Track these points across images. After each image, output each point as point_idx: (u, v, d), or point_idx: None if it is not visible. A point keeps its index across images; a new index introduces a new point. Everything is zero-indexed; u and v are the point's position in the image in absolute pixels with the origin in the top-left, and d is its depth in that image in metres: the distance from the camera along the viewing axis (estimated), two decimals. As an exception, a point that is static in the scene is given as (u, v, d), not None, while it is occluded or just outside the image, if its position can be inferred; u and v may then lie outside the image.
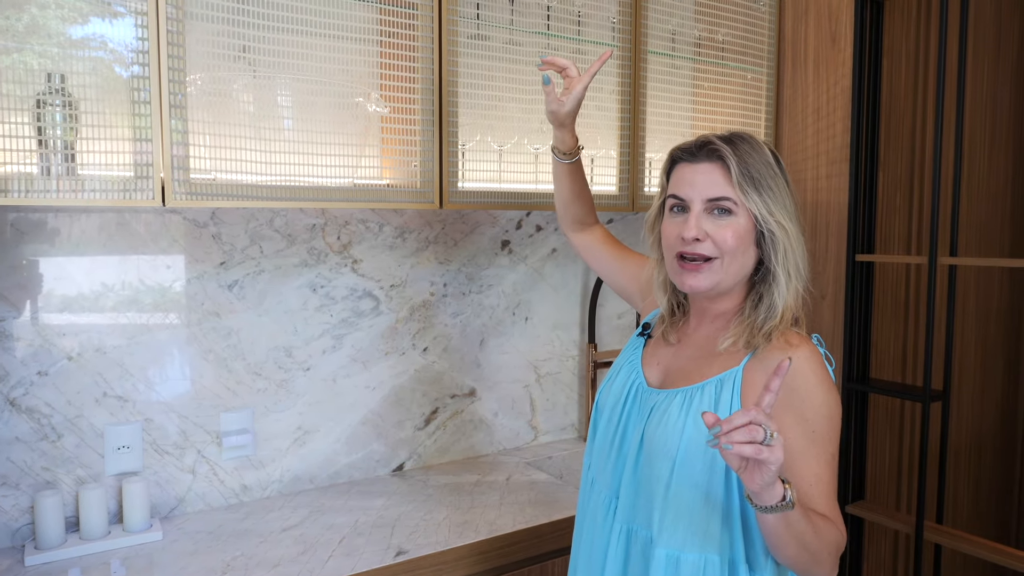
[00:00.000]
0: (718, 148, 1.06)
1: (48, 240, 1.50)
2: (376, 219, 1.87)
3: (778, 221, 1.05)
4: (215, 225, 1.67)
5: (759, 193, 1.04)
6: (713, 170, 1.06)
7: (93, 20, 1.28)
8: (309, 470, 1.83)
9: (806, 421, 1.00)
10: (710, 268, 1.07)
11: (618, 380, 1.19)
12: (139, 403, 1.61)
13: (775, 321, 1.06)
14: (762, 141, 1.10)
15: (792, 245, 1.05)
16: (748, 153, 1.06)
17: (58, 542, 1.46)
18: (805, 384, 1.01)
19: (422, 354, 1.97)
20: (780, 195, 1.06)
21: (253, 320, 1.73)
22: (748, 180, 1.04)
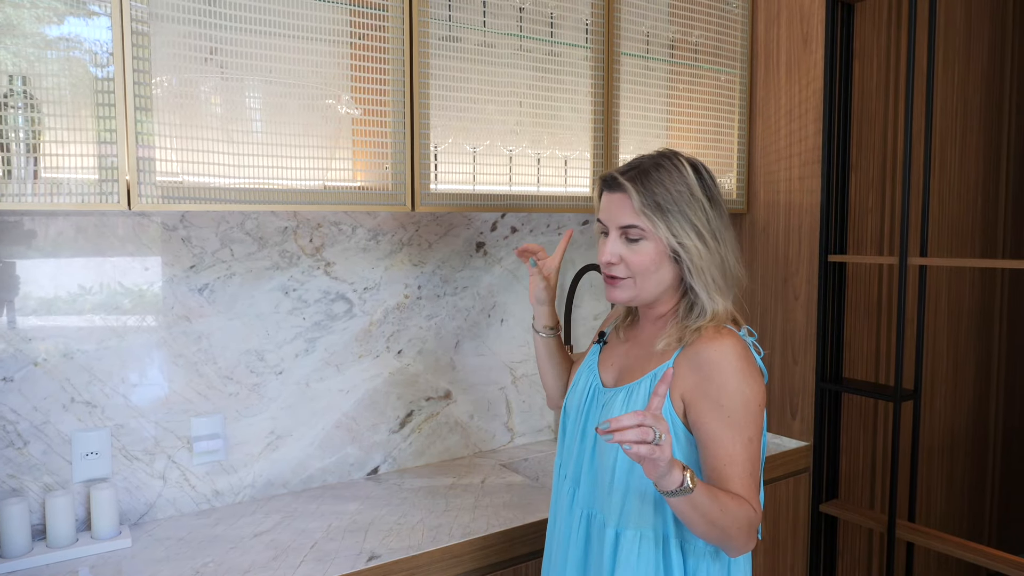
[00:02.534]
0: (620, 182, 1.18)
1: (17, 242, 1.48)
2: (349, 221, 1.86)
3: (682, 243, 1.16)
4: (184, 228, 1.66)
5: (664, 219, 1.15)
6: (622, 200, 1.18)
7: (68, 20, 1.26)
8: (282, 475, 1.81)
9: (721, 407, 1.12)
10: (625, 284, 1.21)
11: (580, 383, 1.33)
12: (108, 408, 1.59)
13: (704, 321, 1.18)
14: (684, 163, 1.19)
15: (704, 261, 1.16)
16: (657, 181, 1.16)
17: (24, 550, 1.44)
18: (720, 374, 1.12)
19: (396, 357, 1.96)
20: (692, 216, 1.16)
21: (224, 324, 1.71)
22: (652, 208, 1.16)
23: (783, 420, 2.17)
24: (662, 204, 1.15)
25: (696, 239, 1.15)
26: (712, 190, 1.19)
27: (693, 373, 1.14)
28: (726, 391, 1.12)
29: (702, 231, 1.16)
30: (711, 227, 1.17)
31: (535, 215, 2.17)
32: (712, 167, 2.16)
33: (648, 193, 1.15)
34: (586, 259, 2.28)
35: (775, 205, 2.16)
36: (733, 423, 1.11)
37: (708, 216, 1.17)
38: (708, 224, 1.16)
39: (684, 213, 1.15)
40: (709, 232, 1.16)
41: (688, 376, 1.15)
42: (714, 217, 1.18)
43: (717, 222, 1.18)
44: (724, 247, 1.18)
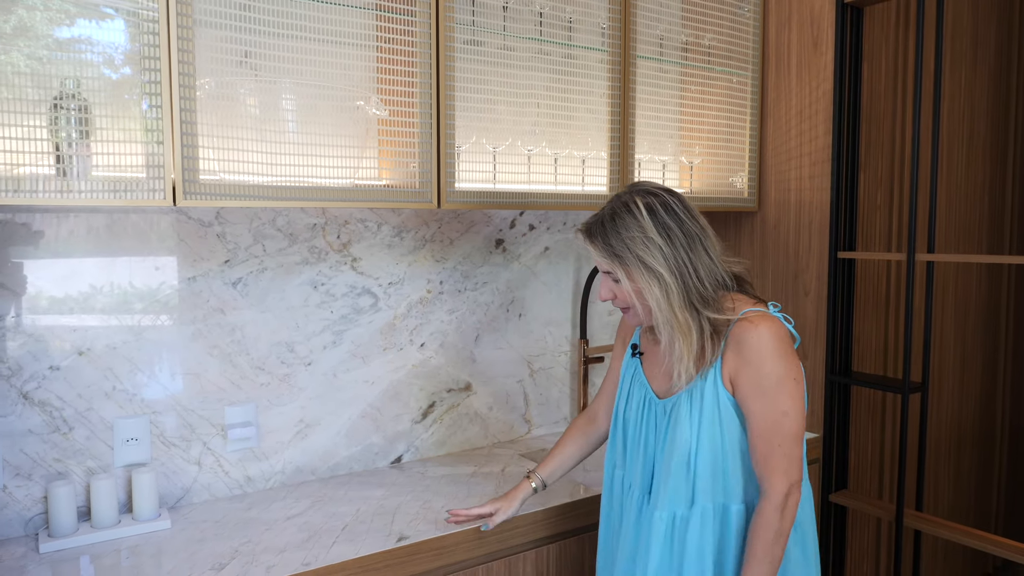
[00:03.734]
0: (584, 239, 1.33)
1: (62, 240, 1.56)
2: (375, 219, 1.93)
3: (640, 289, 1.28)
4: (219, 224, 1.73)
5: (624, 267, 1.28)
6: (593, 251, 1.33)
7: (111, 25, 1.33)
8: (310, 462, 1.88)
9: (760, 387, 1.26)
10: (632, 312, 1.35)
11: (633, 397, 1.44)
12: (147, 397, 1.67)
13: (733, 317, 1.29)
14: (639, 205, 1.27)
15: (662, 306, 1.26)
16: (613, 232, 1.28)
17: (71, 530, 1.52)
18: (758, 357, 1.26)
19: (419, 350, 2.03)
20: (649, 258, 1.25)
21: (256, 316, 1.79)
22: (611, 257, 1.29)
23: (794, 412, 2.23)
24: (619, 254, 1.27)
25: (653, 283, 1.26)
26: (668, 223, 1.26)
27: (736, 358, 1.28)
28: (763, 372, 1.25)
29: (660, 271, 1.25)
30: (670, 264, 1.25)
31: (551, 213, 2.24)
32: (724, 167, 2.25)
33: (607, 246, 1.28)
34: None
35: (786, 203, 2.22)
36: (769, 400, 1.26)
37: (665, 253, 1.25)
38: (666, 261, 1.25)
39: (640, 259, 1.26)
40: (668, 269, 1.25)
41: (733, 360, 1.28)
42: (672, 252, 1.26)
43: (679, 254, 1.26)
44: (688, 275, 1.26)
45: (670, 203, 1.29)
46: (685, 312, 1.26)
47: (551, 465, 1.59)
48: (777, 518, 1.26)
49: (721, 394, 1.30)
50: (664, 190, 1.31)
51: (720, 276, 1.31)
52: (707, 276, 1.28)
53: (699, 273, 1.27)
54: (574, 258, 2.30)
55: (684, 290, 1.26)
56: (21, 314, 1.53)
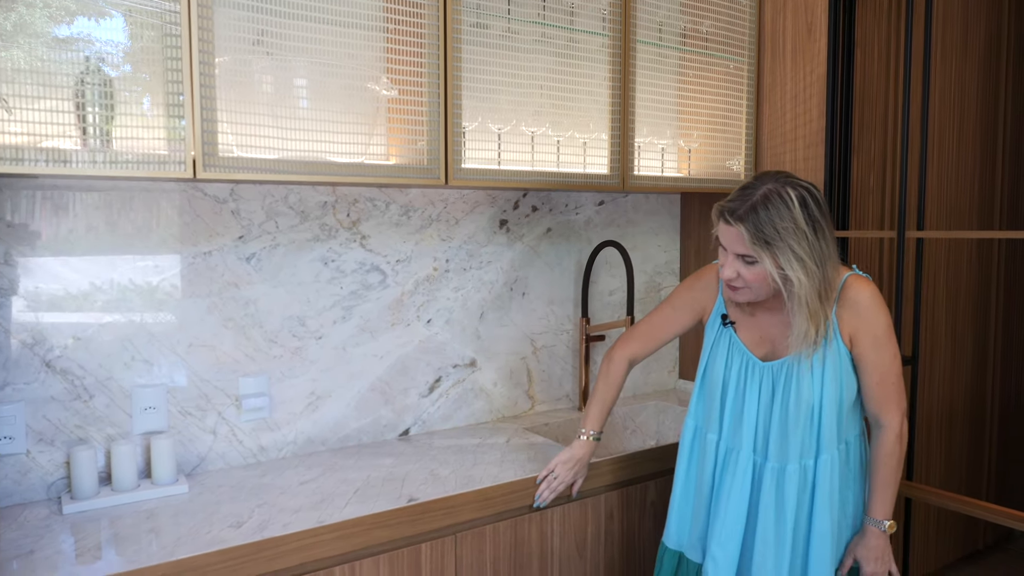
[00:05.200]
0: (730, 221, 1.38)
1: (84, 216, 1.61)
2: (383, 198, 1.99)
3: (786, 275, 1.36)
4: (234, 201, 1.79)
5: (771, 252, 1.35)
6: (736, 235, 1.38)
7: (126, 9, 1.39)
8: (321, 433, 1.94)
9: (877, 339, 1.43)
10: (745, 292, 1.45)
11: (733, 364, 1.54)
12: (164, 367, 1.72)
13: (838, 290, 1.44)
14: (791, 197, 1.35)
15: (804, 289, 1.36)
16: (766, 220, 1.34)
17: (92, 493, 1.57)
18: (873, 314, 1.43)
19: (426, 326, 2.09)
20: (797, 247, 1.34)
21: (269, 291, 1.84)
22: (760, 243, 1.35)
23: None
24: (770, 241, 1.34)
25: (799, 269, 1.34)
26: (816, 216, 1.36)
27: (854, 318, 1.43)
28: (879, 325, 1.43)
29: (805, 259, 1.34)
30: (814, 253, 1.35)
31: (553, 195, 2.30)
32: (721, 150, 2.31)
33: (758, 232, 1.34)
34: (602, 236, 2.40)
35: (781, 185, 2.29)
36: (885, 348, 1.44)
37: (810, 243, 1.34)
38: (811, 251, 1.34)
39: (789, 246, 1.33)
40: (812, 258, 1.34)
41: (850, 320, 1.43)
42: (816, 243, 1.35)
43: (820, 245, 1.36)
44: (825, 266, 1.37)
45: (819, 198, 1.38)
46: (816, 299, 1.36)
47: (603, 415, 1.73)
48: (899, 445, 1.48)
49: (842, 352, 1.44)
50: (811, 184, 1.40)
51: (838, 264, 1.43)
52: (835, 264, 1.40)
53: (831, 261, 1.38)
54: (575, 239, 2.36)
55: (821, 278, 1.36)
56: (43, 285, 1.58)
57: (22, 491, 1.58)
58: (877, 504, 1.49)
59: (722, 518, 1.52)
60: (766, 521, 1.48)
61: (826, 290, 1.38)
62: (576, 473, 1.70)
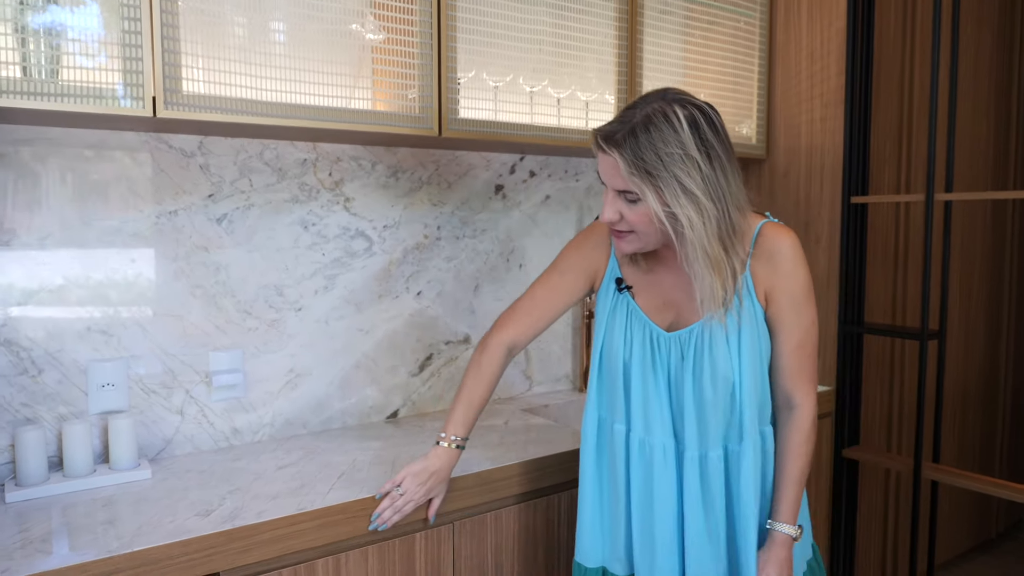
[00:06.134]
0: (604, 148, 1.12)
1: (30, 169, 1.43)
2: (369, 156, 1.82)
3: (673, 213, 1.11)
4: (203, 155, 1.60)
5: (654, 186, 1.10)
6: (612, 163, 1.12)
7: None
8: (301, 414, 1.77)
9: (794, 299, 1.19)
10: (632, 238, 1.19)
11: (634, 339, 1.26)
12: (124, 338, 1.54)
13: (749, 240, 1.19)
14: (679, 117, 1.08)
15: (697, 232, 1.11)
16: (647, 144, 1.08)
17: (40, 479, 1.39)
18: (794, 268, 1.18)
19: (416, 298, 1.92)
20: (686, 178, 1.08)
21: (242, 256, 1.67)
22: (641, 173, 1.10)
23: (804, 366, 2.15)
24: (651, 170, 1.08)
25: (688, 206, 1.09)
26: (711, 142, 1.10)
27: (772, 272, 1.19)
28: (799, 282, 1.19)
29: (696, 193, 1.09)
30: (708, 187, 1.09)
31: (552, 161, 2.14)
32: (731, 114, 2.16)
33: (636, 160, 1.09)
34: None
35: (796, 149, 2.14)
36: (804, 310, 1.20)
37: (704, 175, 1.09)
38: (704, 184, 1.09)
39: (675, 176, 1.08)
40: (706, 192, 1.09)
41: (767, 274, 1.19)
42: (711, 174, 1.09)
43: (716, 178, 1.10)
44: (724, 202, 1.11)
45: (713, 119, 1.12)
46: (717, 245, 1.12)
47: (471, 415, 1.36)
48: (814, 428, 1.25)
49: (758, 312, 1.20)
50: (707, 104, 1.14)
51: (745, 205, 1.17)
52: (738, 206, 1.14)
53: (734, 199, 1.13)
54: (576, 208, 2.20)
55: (720, 218, 1.11)
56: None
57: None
58: (784, 505, 1.22)
59: (657, 521, 1.25)
60: (695, 516, 1.23)
61: (730, 235, 1.12)
62: (430, 489, 1.32)
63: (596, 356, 1.32)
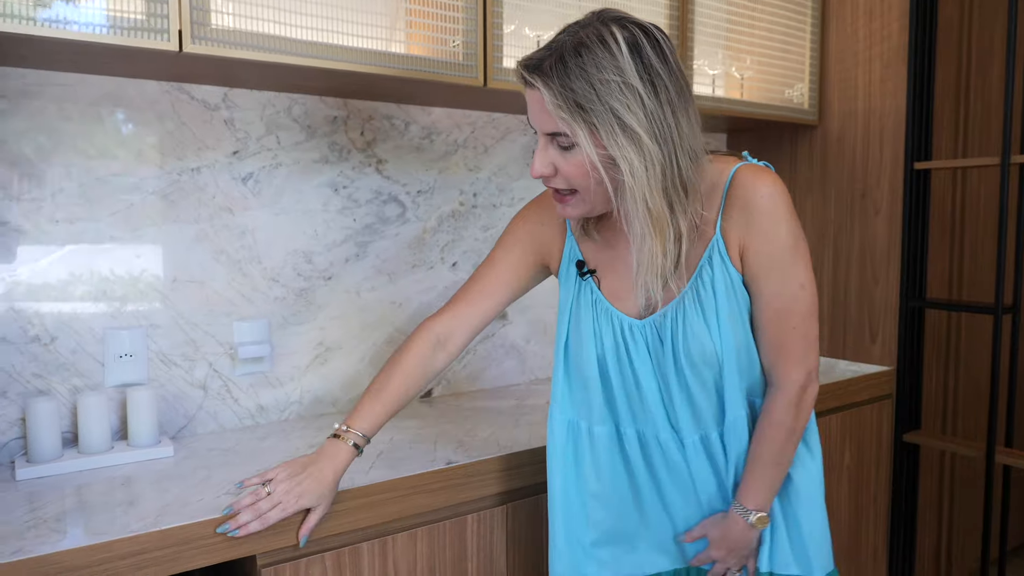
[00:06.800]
0: (528, 79, 0.93)
1: (39, 111, 1.30)
2: (402, 116, 1.69)
3: (608, 156, 0.91)
4: (227, 109, 1.48)
5: (584, 120, 0.90)
6: (538, 99, 0.93)
7: None
8: (331, 391, 1.64)
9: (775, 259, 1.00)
10: (575, 200, 0.99)
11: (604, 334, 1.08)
12: (143, 305, 1.42)
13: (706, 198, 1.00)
14: (616, 37, 0.90)
15: (639, 181, 0.91)
16: (577, 72, 0.89)
17: (54, 455, 1.26)
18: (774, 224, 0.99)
19: (451, 269, 1.79)
20: (625, 113, 0.89)
21: (269, 219, 1.54)
22: (569, 107, 0.90)
23: (860, 344, 2.02)
24: (583, 103, 0.89)
25: (629, 147, 0.89)
26: (657, 69, 0.90)
27: (746, 226, 0.99)
28: (779, 240, 0.99)
29: (637, 131, 0.89)
30: (653, 125, 0.90)
31: (593, 126, 2.01)
32: (779, 78, 2.02)
33: (564, 90, 0.89)
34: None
35: (852, 114, 2.01)
36: (786, 273, 1.00)
37: (648, 110, 0.89)
38: (648, 121, 0.90)
39: (613, 111, 0.89)
40: (650, 132, 0.90)
41: (740, 230, 1.00)
42: (656, 109, 0.90)
43: (663, 114, 0.91)
44: (671, 145, 0.91)
45: (660, 41, 0.92)
46: (660, 199, 0.92)
47: (380, 409, 1.10)
48: (792, 415, 1.03)
49: (733, 277, 1.01)
50: (652, 24, 0.94)
51: (700, 154, 0.97)
52: (691, 150, 0.94)
53: (685, 144, 0.93)
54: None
55: (665, 165, 0.91)
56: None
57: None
58: (749, 487, 1.05)
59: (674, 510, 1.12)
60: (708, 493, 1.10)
61: (676, 187, 0.93)
62: (303, 494, 1.03)
63: (560, 352, 1.13)
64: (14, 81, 1.28)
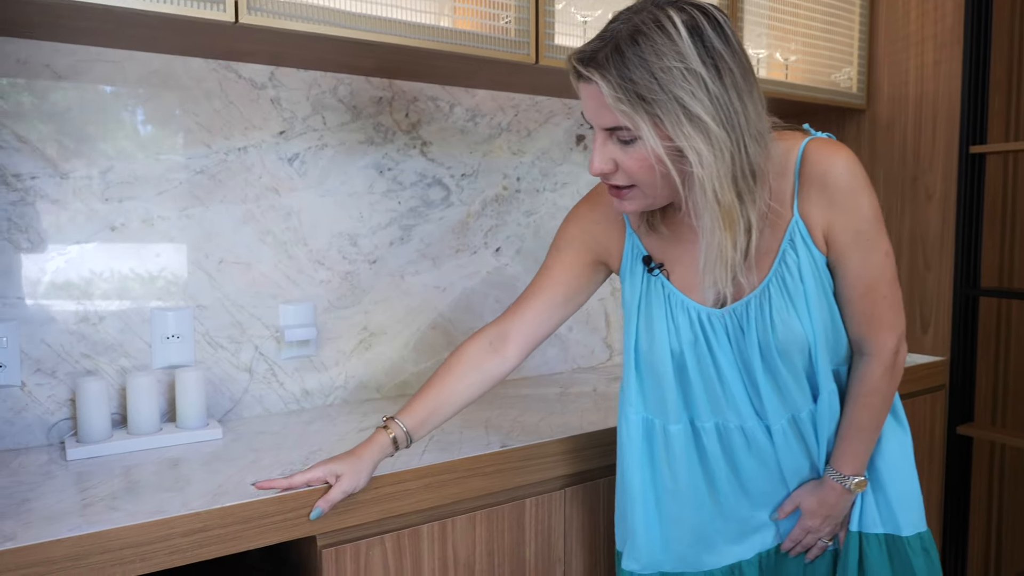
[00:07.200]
0: (583, 73, 0.88)
1: (89, 86, 1.29)
2: (446, 97, 1.66)
3: (675, 148, 0.86)
4: (274, 88, 1.46)
5: (647, 112, 0.85)
6: (595, 94, 0.88)
7: None
8: (375, 377, 1.62)
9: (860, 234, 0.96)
10: (633, 194, 0.94)
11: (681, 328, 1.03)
12: (191, 286, 1.40)
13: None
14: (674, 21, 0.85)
15: (709, 171, 0.86)
16: (636, 62, 0.84)
17: (104, 436, 1.25)
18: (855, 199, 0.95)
19: (495, 255, 1.76)
20: (690, 101, 0.84)
21: (315, 201, 1.52)
22: (631, 100, 0.85)
23: (911, 334, 1.97)
24: (645, 94, 0.84)
25: (697, 137, 0.85)
26: (720, 51, 0.86)
27: (825, 204, 0.95)
28: (863, 210, 0.95)
29: (705, 120, 0.85)
30: (719, 110, 0.85)
31: (635, 111, 1.97)
32: (825, 62, 1.98)
33: (624, 82, 0.84)
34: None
35: (902, 98, 1.96)
36: (871, 245, 0.97)
37: (713, 94, 0.85)
38: (714, 106, 0.85)
39: (677, 99, 0.84)
40: (716, 118, 0.85)
41: (821, 210, 0.96)
42: (722, 94, 0.85)
43: (728, 99, 0.86)
44: (739, 131, 0.87)
45: (721, 22, 0.87)
46: (730, 189, 0.88)
47: (425, 406, 1.07)
48: (887, 380, 1.02)
49: (817, 259, 0.97)
50: (708, 3, 0.89)
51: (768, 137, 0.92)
52: (759, 134, 0.89)
53: (752, 128, 0.88)
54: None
55: (735, 152, 0.87)
56: (39, 176, 1.25)
57: (16, 433, 1.26)
58: (846, 454, 1.03)
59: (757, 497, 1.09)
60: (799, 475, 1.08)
61: (746, 175, 0.88)
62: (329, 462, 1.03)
63: (631, 352, 1.08)
64: (65, 58, 1.26)
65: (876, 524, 1.07)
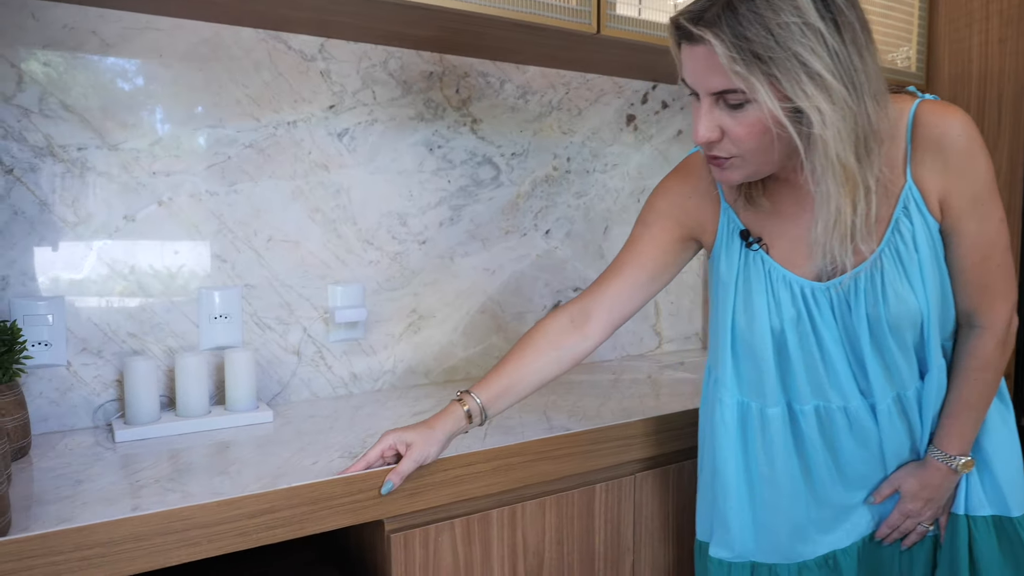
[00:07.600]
0: (693, 33, 0.81)
1: (141, 52, 1.24)
2: (497, 73, 1.61)
3: (795, 108, 0.80)
4: (324, 60, 1.41)
5: (764, 72, 0.79)
6: (704, 55, 0.81)
7: None
8: (424, 362, 1.56)
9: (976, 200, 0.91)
10: (736, 164, 0.88)
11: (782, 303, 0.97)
12: (238, 264, 1.35)
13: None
14: None
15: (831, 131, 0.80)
16: (751, 18, 0.78)
17: (152, 418, 1.20)
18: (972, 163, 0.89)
19: (544, 237, 1.71)
20: (809, 57, 0.78)
21: (364, 178, 1.47)
22: (746, 59, 0.78)
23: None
24: (760, 52, 0.78)
25: (819, 95, 0.79)
26: (838, 3, 0.80)
27: (941, 169, 0.89)
28: (980, 174, 0.90)
29: (825, 76, 0.78)
30: (839, 67, 0.79)
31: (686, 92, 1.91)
32: (883, 39, 1.91)
33: (738, 40, 0.78)
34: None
35: (965, 77, 1.89)
36: (987, 211, 0.91)
37: (832, 50, 0.79)
38: (834, 63, 0.79)
39: (797, 56, 0.78)
40: (837, 75, 0.79)
41: (936, 175, 0.90)
42: (841, 50, 0.79)
43: (849, 55, 0.80)
44: (859, 90, 0.81)
45: None
46: (851, 151, 0.82)
47: (500, 383, 1.01)
48: (999, 354, 0.97)
49: (931, 226, 0.92)
50: None
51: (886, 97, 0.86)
52: (878, 93, 0.83)
53: (872, 87, 0.82)
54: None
55: (858, 112, 0.81)
56: (88, 147, 1.21)
57: (61, 414, 1.21)
58: (952, 433, 0.97)
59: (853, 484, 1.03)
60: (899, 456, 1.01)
61: (866, 137, 0.83)
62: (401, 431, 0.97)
63: (727, 332, 1.01)
64: (112, 24, 1.22)
65: (984, 506, 1.00)
